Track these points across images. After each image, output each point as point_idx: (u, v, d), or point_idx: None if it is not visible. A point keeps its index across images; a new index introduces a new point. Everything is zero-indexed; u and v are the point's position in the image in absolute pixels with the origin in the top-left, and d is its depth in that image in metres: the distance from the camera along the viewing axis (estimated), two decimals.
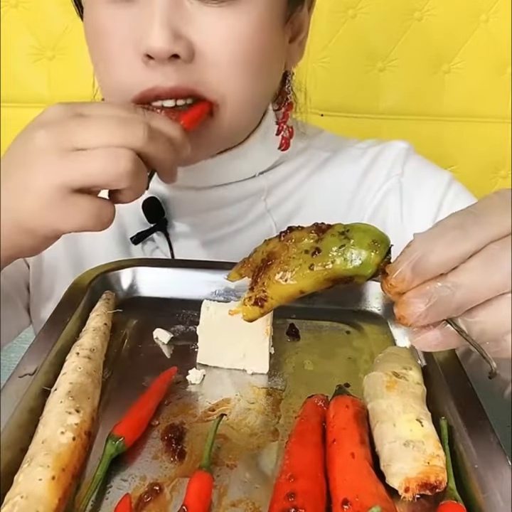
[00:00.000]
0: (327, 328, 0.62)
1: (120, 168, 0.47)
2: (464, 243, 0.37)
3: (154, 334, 0.58)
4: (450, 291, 0.36)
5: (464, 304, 0.37)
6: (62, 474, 0.39)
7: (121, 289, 0.64)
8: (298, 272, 0.43)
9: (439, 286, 0.37)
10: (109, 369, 0.53)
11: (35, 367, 0.48)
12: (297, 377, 0.54)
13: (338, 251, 0.41)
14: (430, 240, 0.37)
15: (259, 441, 0.46)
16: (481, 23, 1.19)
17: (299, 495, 0.38)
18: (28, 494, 0.37)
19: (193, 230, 0.74)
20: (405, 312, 0.38)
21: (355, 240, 0.41)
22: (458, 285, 0.36)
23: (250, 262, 0.48)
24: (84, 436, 0.43)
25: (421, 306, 0.37)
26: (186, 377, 0.53)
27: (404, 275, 0.37)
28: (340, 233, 0.42)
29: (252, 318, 0.47)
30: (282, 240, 0.45)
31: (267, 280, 0.45)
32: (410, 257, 0.37)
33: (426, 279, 0.37)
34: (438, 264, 0.37)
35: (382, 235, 0.41)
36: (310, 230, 0.44)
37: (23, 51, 1.19)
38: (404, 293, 0.38)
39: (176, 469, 0.43)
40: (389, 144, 0.79)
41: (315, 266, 0.42)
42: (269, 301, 0.45)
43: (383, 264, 0.40)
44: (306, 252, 0.43)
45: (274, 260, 0.45)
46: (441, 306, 0.37)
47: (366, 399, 0.48)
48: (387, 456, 0.42)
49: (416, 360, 0.52)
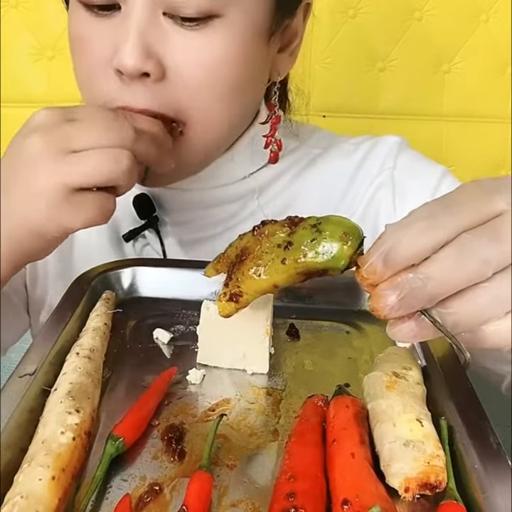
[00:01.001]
0: (327, 328, 0.62)
1: (122, 166, 0.50)
2: (435, 233, 0.36)
3: (154, 334, 0.58)
4: (422, 282, 0.36)
5: (437, 295, 0.37)
6: (62, 474, 0.39)
7: (121, 289, 0.64)
8: (271, 267, 0.43)
9: (411, 278, 0.36)
10: (109, 369, 0.53)
11: (35, 367, 0.48)
12: (297, 377, 0.54)
13: (309, 244, 0.41)
14: (400, 230, 0.37)
15: (259, 441, 0.46)
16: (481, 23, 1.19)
17: (299, 495, 0.38)
18: (28, 494, 0.37)
19: (185, 228, 0.74)
20: (378, 304, 0.38)
21: (327, 233, 0.40)
22: (429, 276, 0.36)
23: (225, 258, 0.49)
24: (84, 436, 0.43)
25: (393, 298, 0.37)
26: (186, 377, 0.53)
27: (376, 267, 0.37)
28: (312, 226, 0.42)
29: (227, 313, 0.47)
30: (256, 234, 0.45)
31: (241, 276, 0.45)
32: (381, 249, 0.37)
33: (397, 271, 0.37)
34: (408, 254, 0.36)
35: (354, 227, 0.41)
36: (283, 224, 0.44)
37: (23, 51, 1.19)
38: (377, 285, 0.38)
39: (176, 469, 0.43)
40: (381, 139, 0.79)
41: (287, 260, 0.42)
42: (244, 297, 0.45)
43: (356, 256, 0.40)
44: (278, 246, 0.43)
45: (248, 255, 0.45)
46: (414, 297, 0.37)
47: (366, 399, 0.48)
48: (387, 456, 0.42)
49: (416, 360, 0.52)
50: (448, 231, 0.36)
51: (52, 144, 0.50)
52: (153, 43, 0.56)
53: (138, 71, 0.55)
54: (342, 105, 1.22)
